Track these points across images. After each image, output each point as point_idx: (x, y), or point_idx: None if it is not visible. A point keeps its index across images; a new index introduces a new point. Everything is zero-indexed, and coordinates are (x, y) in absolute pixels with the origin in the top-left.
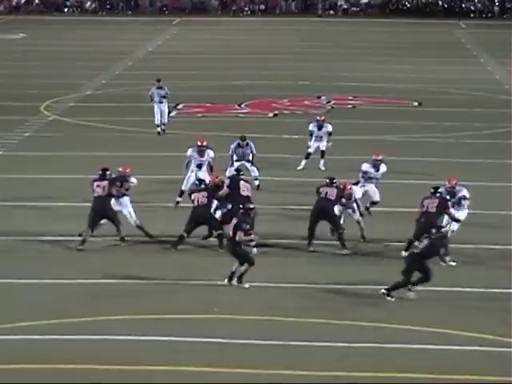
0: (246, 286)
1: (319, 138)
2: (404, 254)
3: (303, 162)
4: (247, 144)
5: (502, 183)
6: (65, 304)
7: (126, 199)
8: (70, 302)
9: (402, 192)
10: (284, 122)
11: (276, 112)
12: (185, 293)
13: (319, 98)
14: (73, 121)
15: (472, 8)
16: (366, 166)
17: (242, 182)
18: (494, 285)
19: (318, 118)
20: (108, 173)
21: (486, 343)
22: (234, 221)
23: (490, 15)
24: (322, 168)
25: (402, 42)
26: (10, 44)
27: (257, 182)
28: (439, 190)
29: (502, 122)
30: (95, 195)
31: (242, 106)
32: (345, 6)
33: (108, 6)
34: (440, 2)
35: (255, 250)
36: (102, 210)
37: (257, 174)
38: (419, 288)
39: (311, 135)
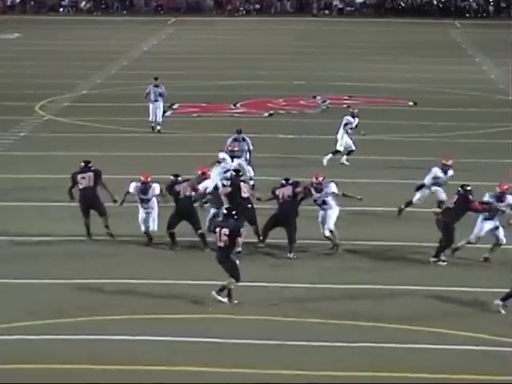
0: (235, 301)
1: (353, 130)
2: (433, 259)
3: (344, 157)
4: (243, 139)
5: (497, 183)
6: (62, 304)
7: (153, 202)
8: (67, 302)
9: (398, 192)
10: (279, 122)
11: (271, 112)
12: (183, 293)
13: (314, 97)
14: (68, 121)
15: (467, 8)
16: (436, 171)
17: (242, 184)
18: (493, 284)
19: (351, 110)
20: (90, 165)
21: (483, 343)
22: (226, 231)
23: (485, 15)
24: (347, 163)
25: (397, 42)
26: (5, 44)
27: (252, 182)
28: (468, 189)
29: (498, 122)
30: (81, 187)
31: (238, 105)
32: (340, 6)
33: (103, 6)
34: (435, 2)
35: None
36: (89, 201)
37: (252, 174)
38: (413, 287)
39: (345, 126)
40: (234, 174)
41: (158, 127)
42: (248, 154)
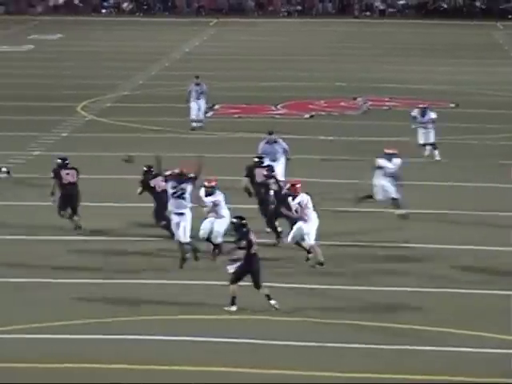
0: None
1: (424, 125)
2: None
3: (428, 148)
4: (275, 141)
5: None
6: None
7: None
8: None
9: (438, 195)
10: (320, 123)
11: (312, 113)
12: (221, 294)
13: (355, 99)
14: (109, 121)
15: (510, 9)
16: None
17: (257, 170)
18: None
19: (420, 105)
20: (67, 162)
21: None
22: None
23: None
24: (438, 158)
25: (438, 44)
26: (48, 45)
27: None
28: None
29: None
30: (65, 182)
31: (279, 107)
32: (381, 7)
33: (145, 7)
34: (478, 4)
35: None
36: (73, 196)
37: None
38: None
39: (414, 119)
40: (256, 160)
41: (200, 124)
42: (284, 157)
